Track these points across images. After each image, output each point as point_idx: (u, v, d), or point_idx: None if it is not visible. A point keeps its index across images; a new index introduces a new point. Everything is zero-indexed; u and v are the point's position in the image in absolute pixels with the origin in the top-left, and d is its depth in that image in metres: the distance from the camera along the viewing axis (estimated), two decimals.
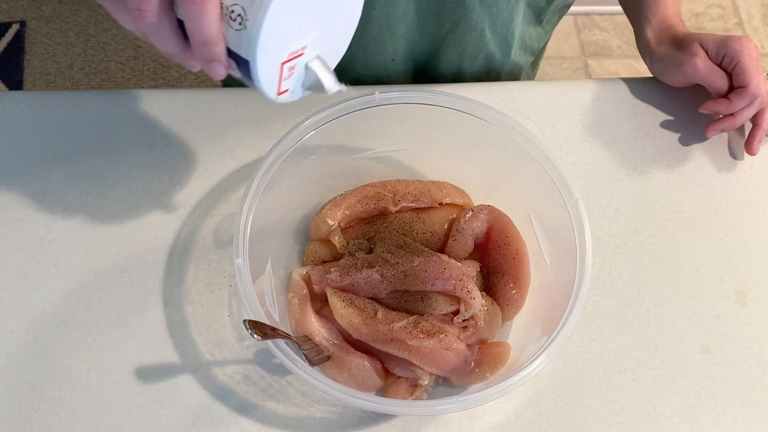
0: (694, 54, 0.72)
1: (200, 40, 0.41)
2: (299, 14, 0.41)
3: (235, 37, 0.41)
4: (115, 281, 0.66)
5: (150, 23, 0.42)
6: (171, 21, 0.42)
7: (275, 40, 0.41)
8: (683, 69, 0.73)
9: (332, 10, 0.44)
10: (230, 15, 0.40)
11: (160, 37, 0.43)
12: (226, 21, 0.40)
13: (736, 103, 0.71)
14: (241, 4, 0.39)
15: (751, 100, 0.71)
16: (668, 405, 0.62)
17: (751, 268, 0.69)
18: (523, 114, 0.77)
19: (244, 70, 0.42)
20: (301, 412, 0.61)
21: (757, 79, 0.70)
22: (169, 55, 0.44)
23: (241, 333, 0.64)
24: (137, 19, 0.42)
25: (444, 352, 0.59)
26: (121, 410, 0.60)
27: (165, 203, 0.70)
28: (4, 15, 1.82)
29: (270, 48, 0.41)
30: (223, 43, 0.41)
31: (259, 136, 0.73)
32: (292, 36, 0.42)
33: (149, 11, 0.41)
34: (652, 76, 0.80)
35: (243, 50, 0.41)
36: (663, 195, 0.73)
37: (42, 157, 0.72)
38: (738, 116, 0.72)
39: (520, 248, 0.64)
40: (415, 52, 0.80)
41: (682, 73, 0.74)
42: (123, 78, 1.74)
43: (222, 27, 0.41)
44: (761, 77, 0.71)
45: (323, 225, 0.65)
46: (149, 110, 0.74)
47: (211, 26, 0.40)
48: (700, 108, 0.74)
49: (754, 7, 1.94)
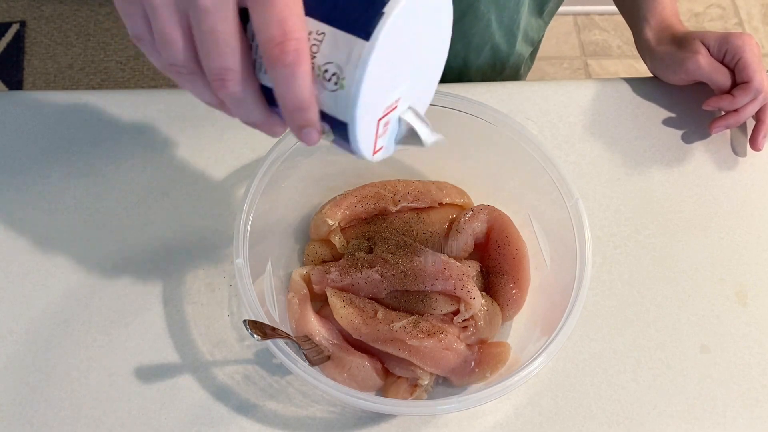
0: (695, 51, 0.72)
1: (293, 106, 0.36)
2: (394, 66, 0.38)
3: (330, 99, 0.37)
4: (115, 281, 0.66)
5: (233, 92, 0.37)
6: (255, 88, 0.38)
7: (373, 97, 0.37)
8: (685, 67, 0.73)
9: (423, 58, 0.41)
10: (324, 75, 0.36)
11: (243, 108, 0.39)
12: (320, 82, 0.37)
13: (740, 99, 0.71)
14: (336, 61, 0.36)
15: (754, 95, 0.71)
16: (668, 405, 0.62)
17: (751, 268, 0.69)
18: (523, 114, 0.77)
19: (340, 132, 0.38)
20: (301, 412, 0.61)
21: (760, 75, 0.70)
22: (251, 124, 0.41)
23: (241, 333, 0.64)
24: (219, 90, 0.37)
25: (444, 352, 0.59)
26: (121, 410, 0.60)
27: (165, 203, 0.70)
28: (4, 15, 1.82)
29: (368, 106, 0.37)
30: (316, 107, 0.37)
31: (259, 136, 0.72)
32: (388, 89, 0.39)
33: (232, 81, 0.36)
34: (652, 75, 0.80)
35: (340, 112, 0.37)
36: (663, 195, 0.73)
37: (42, 157, 0.72)
38: (742, 112, 0.72)
39: (520, 248, 0.64)
40: None
41: (684, 71, 0.74)
42: (123, 78, 1.74)
43: (315, 89, 0.37)
44: (764, 73, 0.71)
45: (323, 225, 0.65)
46: (149, 110, 0.74)
47: (305, 89, 0.36)
48: (704, 105, 0.74)
49: (754, 7, 1.95)
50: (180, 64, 0.37)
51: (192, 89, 0.39)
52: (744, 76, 0.71)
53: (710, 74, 0.72)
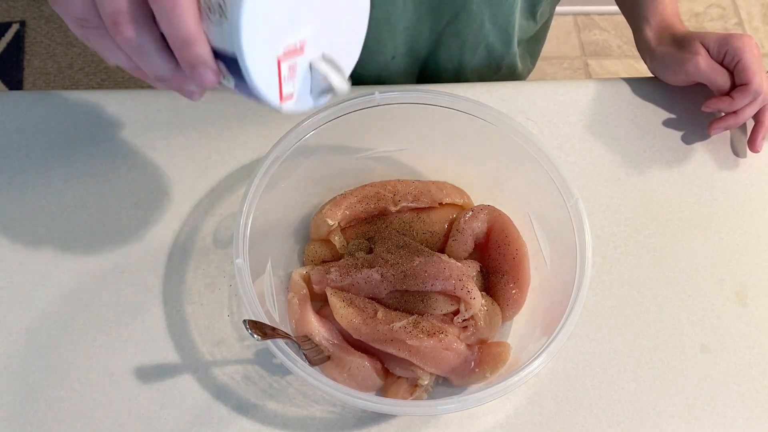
0: (695, 52, 0.72)
1: (179, 41, 0.35)
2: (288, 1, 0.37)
3: (217, 33, 0.36)
4: (115, 281, 0.66)
5: (128, 37, 0.36)
6: (153, 34, 0.37)
7: (264, 29, 0.36)
8: (685, 68, 0.73)
9: (333, 4, 0.40)
10: (209, 8, 0.35)
11: (146, 58, 0.38)
12: (206, 17, 0.36)
13: (739, 101, 0.71)
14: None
15: (753, 97, 0.71)
16: (668, 405, 0.62)
17: (751, 268, 0.69)
18: (523, 114, 0.77)
19: (236, 73, 0.37)
20: (301, 412, 0.61)
21: (760, 77, 0.70)
22: (161, 79, 0.40)
23: (241, 333, 0.64)
24: (116, 36, 0.37)
25: (444, 352, 0.59)
26: (121, 410, 0.60)
27: (165, 203, 0.70)
28: (4, 15, 1.82)
29: (259, 37, 0.36)
30: (205, 41, 0.36)
31: (259, 136, 0.73)
32: (285, 26, 0.37)
33: (124, 23, 0.36)
34: (652, 75, 0.80)
35: (227, 43, 0.36)
36: (663, 195, 0.73)
37: (42, 157, 0.72)
38: (741, 114, 0.72)
39: (520, 248, 0.64)
40: (416, 49, 0.80)
41: (683, 72, 0.74)
42: (123, 78, 1.74)
43: (203, 25, 0.36)
44: (763, 74, 0.71)
45: (323, 225, 0.65)
46: (149, 110, 0.74)
47: (188, 21, 0.35)
48: (703, 106, 0.74)
49: (754, 7, 1.94)
50: (81, 16, 0.37)
51: (101, 48, 0.39)
52: (743, 78, 0.71)
53: (709, 76, 0.72)
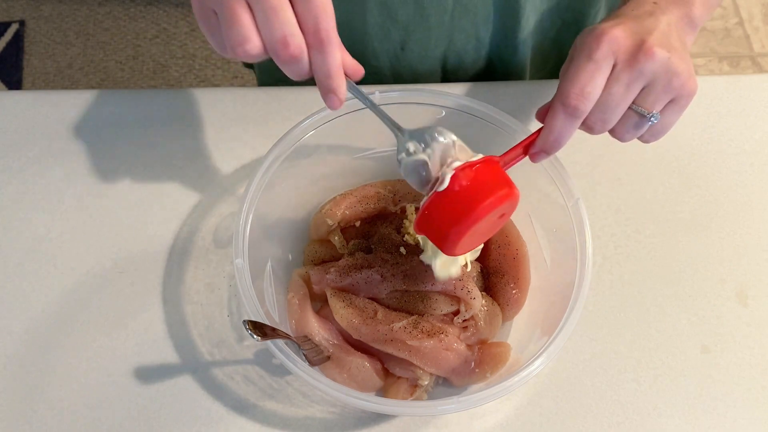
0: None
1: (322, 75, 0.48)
2: None
3: None
4: (115, 281, 0.66)
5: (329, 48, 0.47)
6: None
7: None
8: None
9: None
10: None
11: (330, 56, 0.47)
12: None
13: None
14: None
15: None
16: (668, 405, 0.62)
17: (751, 268, 0.69)
18: (523, 114, 0.77)
19: None
20: (301, 412, 0.61)
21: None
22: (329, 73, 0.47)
23: (241, 333, 0.64)
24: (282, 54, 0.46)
25: (444, 353, 0.59)
26: (121, 410, 0.60)
27: (165, 203, 0.70)
28: (4, 15, 1.82)
29: None
30: None
31: (259, 136, 0.73)
32: None
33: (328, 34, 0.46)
34: None
35: None
36: (663, 195, 0.73)
37: (42, 157, 0.72)
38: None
39: (520, 248, 0.64)
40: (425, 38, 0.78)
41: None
42: (122, 78, 1.74)
43: None
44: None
45: (323, 225, 0.65)
46: (149, 110, 0.74)
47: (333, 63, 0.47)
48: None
49: (755, 6, 1.94)
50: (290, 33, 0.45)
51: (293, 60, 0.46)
52: None
53: None
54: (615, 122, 0.55)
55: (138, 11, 1.82)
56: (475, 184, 0.51)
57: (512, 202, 0.53)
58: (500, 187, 0.51)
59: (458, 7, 0.74)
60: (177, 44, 1.77)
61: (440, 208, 0.51)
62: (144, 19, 1.81)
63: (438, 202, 0.51)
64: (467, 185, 0.50)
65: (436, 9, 0.75)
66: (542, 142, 0.55)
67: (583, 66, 0.52)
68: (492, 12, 0.76)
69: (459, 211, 0.51)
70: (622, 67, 0.52)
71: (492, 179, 0.52)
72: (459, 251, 0.54)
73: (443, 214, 0.51)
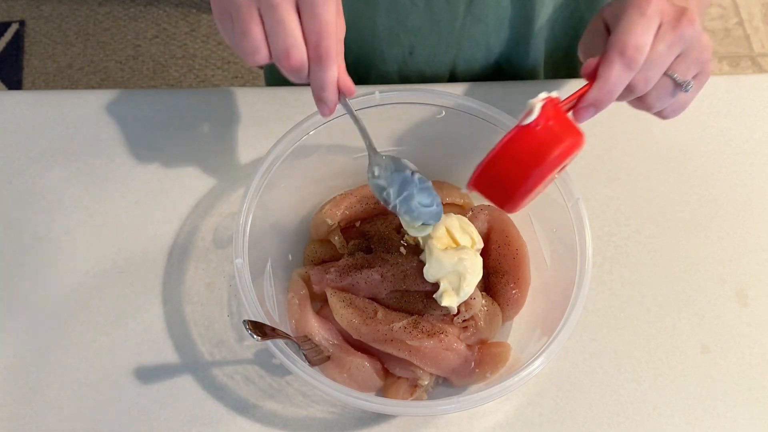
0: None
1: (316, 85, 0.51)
2: None
3: None
4: (115, 281, 0.66)
5: None
6: None
7: None
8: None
9: None
10: None
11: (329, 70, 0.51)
12: None
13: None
14: None
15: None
16: (668, 405, 0.62)
17: (751, 268, 0.69)
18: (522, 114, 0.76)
19: None
20: (301, 412, 0.61)
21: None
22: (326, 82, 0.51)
23: (241, 333, 0.64)
24: None
25: (444, 353, 0.59)
26: (121, 410, 0.60)
27: (165, 203, 0.70)
28: (4, 15, 1.82)
29: None
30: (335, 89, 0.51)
31: (259, 136, 0.73)
32: None
33: None
34: None
35: None
36: (663, 195, 0.73)
37: (42, 157, 0.72)
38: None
39: (520, 248, 0.64)
40: (434, 44, 0.78)
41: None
42: (122, 78, 1.74)
43: None
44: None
45: (323, 225, 0.65)
46: (149, 110, 0.74)
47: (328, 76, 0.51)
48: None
49: (755, 6, 1.94)
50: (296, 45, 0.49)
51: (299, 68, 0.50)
52: None
53: None
54: (654, 83, 0.54)
55: (138, 11, 1.82)
56: (562, 120, 0.46)
57: (576, 154, 0.49)
58: (578, 131, 0.47)
59: (470, 16, 0.74)
60: (177, 44, 1.77)
61: (523, 144, 0.45)
62: (144, 19, 1.80)
63: (520, 138, 0.45)
64: (555, 122, 0.45)
65: (446, 16, 0.75)
66: (596, 93, 0.53)
67: (636, 20, 0.52)
68: (504, 22, 0.76)
69: (544, 149, 0.45)
70: (666, 28, 0.52)
71: (569, 121, 0.47)
72: (523, 204, 0.49)
73: (524, 153, 0.45)
